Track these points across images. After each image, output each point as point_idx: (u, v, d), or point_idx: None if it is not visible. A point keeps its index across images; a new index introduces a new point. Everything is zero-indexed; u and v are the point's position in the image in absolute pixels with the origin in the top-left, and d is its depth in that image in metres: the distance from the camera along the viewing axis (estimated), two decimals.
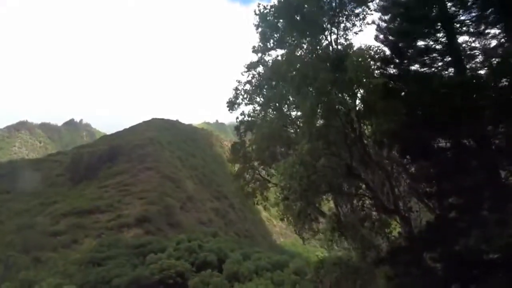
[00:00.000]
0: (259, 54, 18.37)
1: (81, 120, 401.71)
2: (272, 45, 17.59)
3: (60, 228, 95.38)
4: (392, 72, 14.75)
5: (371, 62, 15.13)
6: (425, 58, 14.09)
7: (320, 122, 14.98)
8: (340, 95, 14.67)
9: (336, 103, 14.32)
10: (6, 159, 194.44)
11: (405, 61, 14.73)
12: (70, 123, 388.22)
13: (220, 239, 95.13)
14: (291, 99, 17.44)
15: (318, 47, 15.09)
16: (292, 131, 17.73)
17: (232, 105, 18.75)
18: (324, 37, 15.08)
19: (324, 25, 15.24)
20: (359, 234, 16.56)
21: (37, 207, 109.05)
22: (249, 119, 19.35)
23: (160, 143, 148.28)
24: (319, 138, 13.81)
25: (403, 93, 13.84)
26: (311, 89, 14.34)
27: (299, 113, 16.57)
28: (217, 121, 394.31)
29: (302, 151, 13.49)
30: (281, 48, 17.64)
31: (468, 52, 14.77)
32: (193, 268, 72.88)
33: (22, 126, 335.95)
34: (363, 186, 16.65)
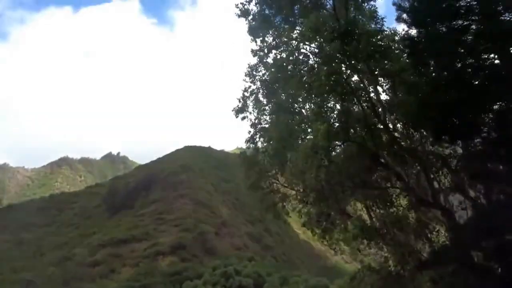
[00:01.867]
0: (259, 53, 16.83)
1: (118, 153, 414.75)
2: (262, 38, 16.05)
3: (98, 258, 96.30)
4: (419, 48, 12.83)
5: (389, 42, 13.26)
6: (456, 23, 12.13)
7: (335, 108, 12.97)
8: (355, 76, 12.82)
9: (351, 82, 12.44)
10: (48, 194, 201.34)
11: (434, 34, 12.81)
12: (108, 157, 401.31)
13: (257, 263, 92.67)
14: (300, 99, 15.66)
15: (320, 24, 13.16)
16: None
17: (239, 112, 16.95)
18: (326, 11, 13.24)
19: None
20: (395, 238, 14.36)
21: (76, 238, 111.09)
22: (260, 125, 17.51)
23: (192, 170, 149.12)
24: (336, 122, 11.83)
25: (432, 62, 11.86)
26: (320, 69, 12.57)
27: (310, 111, 14.54)
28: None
29: (316, 134, 11.53)
30: (275, 38, 16.05)
31: None
32: None
33: (63, 162, 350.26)
34: (394, 179, 14.37)
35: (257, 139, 17.21)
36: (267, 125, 16.94)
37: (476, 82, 10.73)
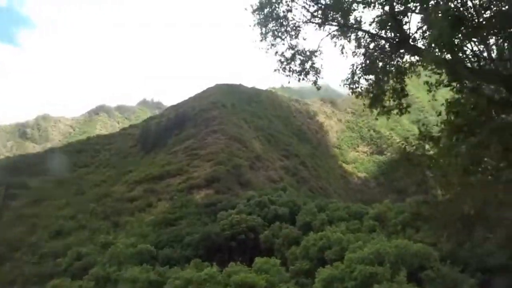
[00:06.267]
0: None
1: (152, 99, 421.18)
2: None
3: (135, 194, 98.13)
4: None
5: None
6: None
7: None
8: None
9: None
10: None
11: None
12: (143, 103, 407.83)
13: (292, 193, 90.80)
14: None
15: None
16: None
17: None
18: None
19: None
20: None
21: (114, 177, 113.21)
22: None
23: (224, 106, 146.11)
24: None
25: None
26: None
27: None
28: (282, 86, 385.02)
29: None
30: None
31: None
32: (265, 222, 69.54)
33: (100, 109, 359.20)
34: None
35: None
36: None
37: None
